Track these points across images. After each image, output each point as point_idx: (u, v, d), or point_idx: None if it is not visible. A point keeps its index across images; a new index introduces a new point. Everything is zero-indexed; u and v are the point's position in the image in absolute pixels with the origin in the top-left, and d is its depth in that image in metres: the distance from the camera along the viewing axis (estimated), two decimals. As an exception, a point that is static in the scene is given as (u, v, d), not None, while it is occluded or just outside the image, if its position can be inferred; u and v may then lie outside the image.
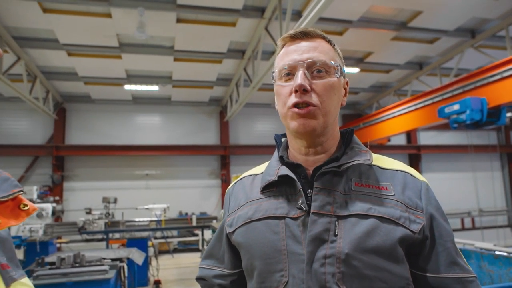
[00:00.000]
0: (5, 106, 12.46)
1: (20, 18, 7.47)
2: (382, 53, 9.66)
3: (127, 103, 13.43)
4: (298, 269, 0.93)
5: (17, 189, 0.63)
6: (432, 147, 15.18)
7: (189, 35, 8.34)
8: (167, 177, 13.50)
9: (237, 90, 11.03)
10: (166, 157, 13.49)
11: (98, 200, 10.42)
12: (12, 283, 0.58)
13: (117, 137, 13.14)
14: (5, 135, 12.41)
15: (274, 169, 1.07)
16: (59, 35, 8.23)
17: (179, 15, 7.59)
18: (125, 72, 10.61)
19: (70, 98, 12.87)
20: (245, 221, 1.05)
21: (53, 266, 4.00)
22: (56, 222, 10.34)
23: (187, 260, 10.69)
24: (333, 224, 0.93)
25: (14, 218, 0.60)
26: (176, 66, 10.17)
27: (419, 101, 9.63)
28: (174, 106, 13.81)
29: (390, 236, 0.91)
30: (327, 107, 0.99)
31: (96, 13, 7.42)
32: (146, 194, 12.96)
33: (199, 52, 9.35)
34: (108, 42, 8.62)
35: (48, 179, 12.47)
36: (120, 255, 4.78)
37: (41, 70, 10.19)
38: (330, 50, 1.05)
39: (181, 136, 13.64)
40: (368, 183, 1.00)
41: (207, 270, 1.19)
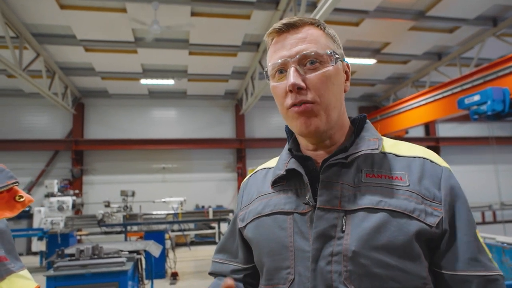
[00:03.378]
0: (26, 102, 12.74)
1: (38, 15, 7.59)
2: (399, 44, 9.48)
3: (144, 97, 13.55)
4: (304, 266, 0.89)
5: (12, 180, 0.63)
6: (452, 139, 14.88)
7: (203, 28, 8.33)
8: (184, 170, 13.61)
9: (252, 83, 11.00)
10: (182, 151, 13.60)
11: (117, 193, 10.60)
12: (8, 276, 0.58)
13: (134, 131, 13.30)
14: (27, 130, 12.70)
15: (283, 162, 1.02)
16: (76, 31, 8.34)
17: (194, 8, 7.59)
18: (141, 67, 10.70)
19: (88, 93, 13.07)
20: (255, 216, 1.02)
21: (72, 258, 4.08)
22: (76, 215, 10.57)
23: (204, 253, 10.79)
24: (340, 220, 0.88)
25: (9, 210, 0.60)
26: (191, 59, 10.20)
27: (438, 92, 9.43)
28: (190, 99, 13.87)
29: (403, 231, 0.84)
30: (327, 100, 0.92)
31: (111, 8, 7.48)
32: (163, 187, 13.10)
33: (214, 46, 9.35)
34: (124, 37, 8.69)
35: (68, 173, 12.72)
36: (137, 248, 4.84)
37: (59, 66, 10.36)
38: (321, 36, 0.95)
39: (197, 129, 13.71)
40: (380, 173, 0.92)
41: (220, 264, 1.17)
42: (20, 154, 12.50)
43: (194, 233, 12.36)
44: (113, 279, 3.79)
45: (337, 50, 0.97)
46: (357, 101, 14.83)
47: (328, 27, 1.00)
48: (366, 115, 1.05)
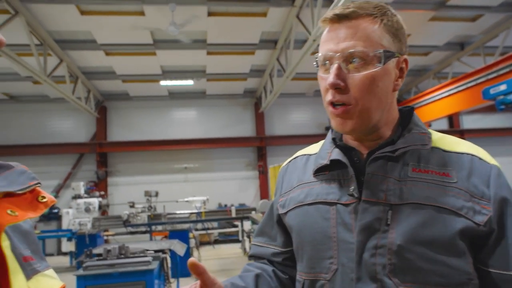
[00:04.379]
0: (51, 107, 13.10)
1: (60, 22, 7.79)
2: (419, 35, 9.27)
3: (164, 98, 13.73)
4: (348, 257, 0.89)
5: (34, 181, 0.65)
6: (477, 131, 14.48)
7: (220, 28, 8.37)
8: (205, 169, 13.73)
9: (271, 80, 10.99)
10: (204, 150, 13.71)
11: (141, 194, 10.79)
12: (34, 275, 0.60)
13: (156, 132, 13.49)
14: (53, 134, 13.06)
15: (326, 151, 1.02)
16: (97, 36, 8.52)
17: (210, 8, 7.63)
18: (160, 68, 10.84)
19: (110, 96, 13.33)
20: (296, 204, 1.03)
21: (100, 258, 4.19)
22: (103, 216, 10.81)
23: (228, 251, 10.87)
24: (385, 213, 0.87)
25: (33, 210, 0.62)
26: (209, 59, 10.26)
27: (461, 83, 9.17)
28: (209, 99, 13.97)
29: (449, 228, 0.84)
30: (367, 103, 0.89)
31: (129, 11, 7.60)
32: (185, 187, 13.25)
33: (232, 45, 9.38)
34: (143, 40, 8.83)
35: (93, 175, 13.02)
36: (162, 247, 4.93)
37: (81, 70, 10.61)
38: (375, 32, 0.89)
39: (217, 129, 13.80)
40: (427, 169, 0.90)
41: (260, 247, 1.18)
42: (48, 158, 12.87)
43: (217, 232, 12.47)
44: (140, 278, 3.87)
45: (392, 46, 0.91)
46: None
47: (391, 16, 0.93)
48: (413, 108, 1.03)
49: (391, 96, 0.95)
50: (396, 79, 0.95)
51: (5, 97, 12.64)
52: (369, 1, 0.95)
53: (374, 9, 0.92)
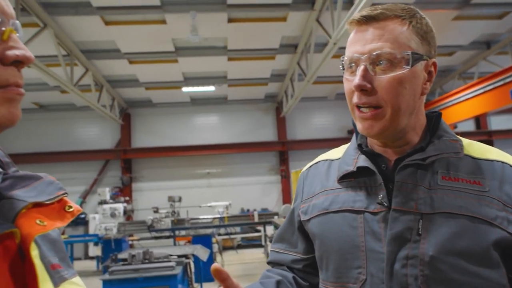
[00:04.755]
0: (78, 115, 13.48)
1: (85, 32, 8.03)
2: (443, 35, 9.07)
3: (186, 104, 13.91)
4: (377, 268, 0.87)
5: (61, 191, 0.67)
6: (506, 132, 14.01)
7: (241, 34, 8.43)
8: (228, 174, 13.80)
9: (291, 85, 10.98)
10: (226, 155, 13.79)
11: (164, 199, 10.93)
12: (62, 283, 0.62)
13: (178, 138, 13.66)
14: (79, 141, 13.42)
15: (352, 158, 0.99)
16: (120, 45, 8.73)
17: (230, 14, 7.70)
18: (182, 75, 11.00)
19: (134, 104, 13.61)
20: (320, 211, 1.00)
21: (125, 262, 4.27)
22: (128, 221, 11.00)
23: (251, 256, 10.87)
24: (416, 223, 0.85)
25: (60, 220, 0.64)
26: (230, 65, 10.35)
27: (488, 83, 8.91)
28: (231, 105, 14.07)
29: (483, 238, 0.81)
30: (395, 106, 0.87)
31: (151, 20, 7.75)
32: (208, 192, 13.34)
33: (252, 50, 9.43)
34: (165, 48, 8.98)
35: (119, 181, 13.29)
36: (185, 252, 4.98)
37: (106, 79, 10.88)
38: (403, 34, 0.87)
39: (239, 134, 13.87)
40: (457, 177, 0.87)
41: (280, 254, 1.16)
42: (75, 165, 13.22)
43: (240, 237, 12.49)
44: (164, 283, 3.92)
45: (420, 49, 0.89)
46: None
47: (420, 18, 0.92)
48: (441, 113, 0.99)
49: (419, 100, 0.92)
50: (425, 82, 0.92)
51: (35, 107, 13.08)
52: (397, 3, 0.94)
53: (403, 11, 0.91)
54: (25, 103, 12.53)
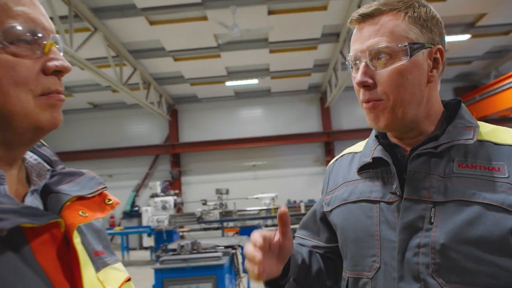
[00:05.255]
0: (128, 112, 14.12)
1: (132, 34, 8.38)
2: (497, 13, 8.49)
3: (230, 98, 14.12)
4: (390, 256, 0.88)
5: (101, 186, 0.74)
6: None
7: (281, 25, 8.41)
8: (274, 166, 13.88)
9: (335, 74, 10.79)
10: (271, 148, 13.87)
11: (212, 191, 11.22)
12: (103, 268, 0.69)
13: (224, 131, 13.92)
14: (130, 137, 14.07)
15: (370, 149, 1.00)
16: (165, 43, 9.02)
17: (270, 7, 7.70)
18: (225, 70, 11.18)
19: (180, 100, 14.02)
20: (341, 202, 1.03)
21: (175, 253, 4.46)
22: (178, 213, 11.43)
23: (298, 247, 10.89)
24: (428, 211, 0.85)
25: (101, 211, 0.71)
26: (272, 57, 10.36)
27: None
28: (274, 97, 14.09)
29: (500, 226, 0.78)
30: (399, 96, 0.87)
31: (193, 17, 7.93)
32: (255, 184, 13.50)
33: (293, 41, 9.37)
34: (207, 43, 9.17)
35: (168, 175, 13.81)
36: (232, 243, 5.10)
37: (153, 77, 11.30)
38: (399, 25, 0.88)
39: (283, 126, 13.88)
40: (475, 164, 0.85)
41: (302, 240, 1.20)
42: (128, 160, 13.90)
43: (287, 228, 12.53)
44: (211, 272, 4.05)
45: (421, 38, 0.89)
46: (452, 82, 13.65)
47: (418, 7, 0.91)
48: (460, 99, 0.98)
49: (426, 89, 0.91)
50: (430, 70, 0.91)
51: (90, 106, 13.86)
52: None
53: (399, 3, 0.90)
54: (81, 103, 13.33)
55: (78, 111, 13.83)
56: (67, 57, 6.92)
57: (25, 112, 0.60)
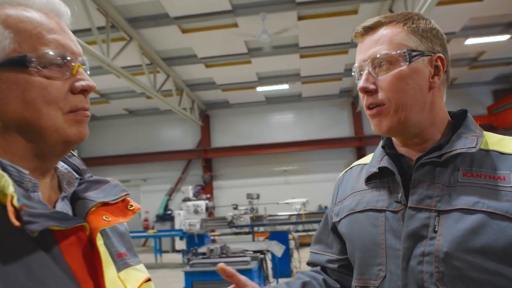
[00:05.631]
0: (161, 118, 14.50)
1: (165, 42, 8.64)
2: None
3: (261, 104, 14.21)
4: (395, 264, 0.90)
5: (124, 193, 0.80)
6: None
7: (312, 30, 8.41)
8: (305, 171, 13.82)
9: (366, 78, 10.64)
10: (302, 153, 13.82)
11: (243, 196, 11.31)
12: (125, 268, 0.75)
13: (255, 136, 14.01)
14: (164, 142, 14.43)
15: (377, 159, 1.03)
16: (197, 51, 9.23)
17: (300, 12, 7.73)
18: (256, 75, 11.28)
19: (212, 105, 14.26)
20: (348, 212, 1.05)
21: (204, 256, 4.55)
22: (209, 217, 11.57)
23: (329, 253, 10.76)
24: (432, 220, 0.86)
25: (123, 216, 0.77)
26: (303, 62, 10.37)
27: None
28: (305, 102, 14.06)
29: (504, 234, 0.79)
30: (400, 101, 0.91)
31: (224, 25, 8.08)
32: (285, 189, 13.49)
33: (324, 46, 9.35)
34: (238, 50, 9.30)
35: (200, 179, 14.04)
36: (261, 248, 5.14)
37: (186, 83, 11.57)
38: (398, 35, 0.93)
39: (314, 130, 13.81)
40: (480, 173, 0.87)
41: (316, 255, 1.22)
42: (161, 165, 14.25)
43: (318, 234, 12.42)
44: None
45: (420, 46, 0.93)
46: (491, 84, 13.13)
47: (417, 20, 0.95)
48: (466, 110, 1.00)
49: (429, 95, 0.94)
50: (431, 77, 0.94)
51: (125, 112, 14.35)
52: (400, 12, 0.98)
53: (398, 16, 0.95)
54: (118, 109, 13.83)
55: (115, 117, 14.36)
56: (104, 66, 7.23)
57: (55, 128, 0.67)
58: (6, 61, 0.64)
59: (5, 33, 0.65)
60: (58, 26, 0.70)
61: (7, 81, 0.64)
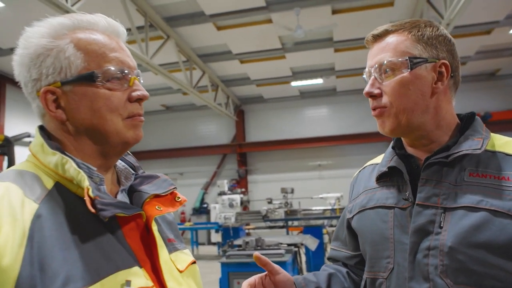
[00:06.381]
0: (198, 114, 14.82)
1: (201, 39, 8.84)
2: None
3: (295, 98, 14.21)
4: (403, 257, 0.95)
5: (172, 186, 0.91)
6: None
7: (346, 24, 8.33)
8: (339, 166, 13.72)
9: (403, 71, 10.41)
10: (336, 147, 13.73)
11: (277, 190, 11.41)
12: (174, 252, 0.87)
13: (289, 131, 14.05)
14: (200, 138, 14.76)
15: (387, 159, 1.09)
16: (232, 47, 9.37)
17: (334, 6, 7.67)
18: (290, 70, 11.30)
19: (246, 101, 14.41)
20: (360, 208, 1.12)
21: (240, 248, 4.69)
22: (244, 211, 11.75)
23: (364, 248, 10.68)
24: (438, 216, 0.92)
25: (172, 207, 0.88)
26: (337, 56, 10.28)
27: None
28: (340, 96, 13.93)
29: (506, 231, 0.84)
30: (402, 104, 0.97)
31: (259, 21, 8.15)
32: (319, 183, 13.46)
33: (359, 39, 9.22)
34: (272, 45, 9.36)
35: (235, 174, 14.25)
36: (295, 241, 5.22)
37: (221, 79, 11.77)
38: (402, 43, 0.98)
39: (349, 125, 13.67)
40: (485, 173, 0.92)
41: (336, 251, 1.29)
42: (197, 159, 14.60)
43: (353, 229, 12.33)
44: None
45: (424, 54, 0.98)
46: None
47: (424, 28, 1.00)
48: (474, 113, 1.05)
49: (432, 100, 0.98)
50: (434, 82, 0.98)
51: (163, 108, 14.77)
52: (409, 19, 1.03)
53: (405, 24, 1.01)
54: (155, 105, 14.25)
55: (152, 113, 14.81)
56: (143, 64, 7.51)
57: (117, 131, 0.80)
58: (78, 77, 0.77)
59: (77, 54, 0.78)
60: (117, 45, 0.83)
61: (79, 93, 0.77)
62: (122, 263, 0.72)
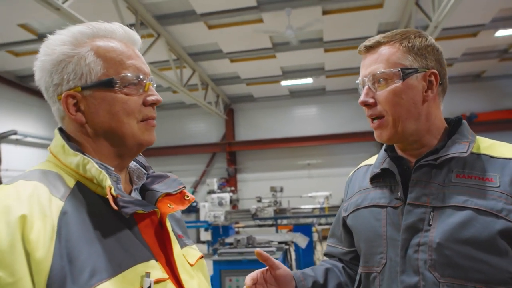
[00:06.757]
0: (187, 112, 14.79)
1: (192, 37, 8.84)
2: None
3: (285, 97, 14.29)
4: (395, 253, 1.03)
5: (181, 185, 0.97)
6: None
7: (336, 25, 8.43)
8: (328, 165, 13.86)
9: (391, 72, 10.55)
10: (325, 146, 13.86)
11: (267, 189, 11.46)
12: (185, 247, 0.93)
13: (279, 130, 14.12)
14: (189, 136, 14.74)
15: (380, 161, 1.16)
16: (222, 46, 9.39)
17: (325, 7, 7.75)
18: (280, 70, 11.37)
19: (236, 99, 14.44)
20: (355, 207, 1.19)
21: (231, 246, 4.74)
22: (233, 210, 11.78)
23: (352, 246, 10.81)
24: (428, 215, 0.99)
25: (181, 205, 0.94)
26: (327, 57, 10.38)
27: None
28: (329, 95, 14.05)
29: (489, 228, 0.91)
30: (396, 113, 1.03)
31: (249, 20, 8.19)
32: (308, 182, 13.57)
33: (348, 40, 9.33)
34: (263, 45, 9.40)
35: (224, 172, 14.28)
36: (285, 239, 5.30)
37: (211, 78, 11.78)
38: (394, 54, 1.04)
39: (338, 124, 13.80)
40: (471, 174, 0.99)
41: (332, 248, 1.37)
42: (186, 158, 14.58)
43: (341, 227, 12.46)
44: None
45: (415, 64, 1.04)
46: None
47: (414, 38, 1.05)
48: (461, 117, 1.12)
49: (424, 107, 1.05)
50: (425, 91, 1.05)
51: (152, 106, 14.68)
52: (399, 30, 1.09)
53: (396, 35, 1.07)
54: (144, 104, 14.16)
55: (142, 111, 14.70)
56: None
57: (132, 134, 0.85)
58: (98, 83, 0.82)
59: (97, 61, 0.82)
60: (134, 52, 0.88)
61: (98, 98, 0.82)
62: (141, 256, 0.76)
